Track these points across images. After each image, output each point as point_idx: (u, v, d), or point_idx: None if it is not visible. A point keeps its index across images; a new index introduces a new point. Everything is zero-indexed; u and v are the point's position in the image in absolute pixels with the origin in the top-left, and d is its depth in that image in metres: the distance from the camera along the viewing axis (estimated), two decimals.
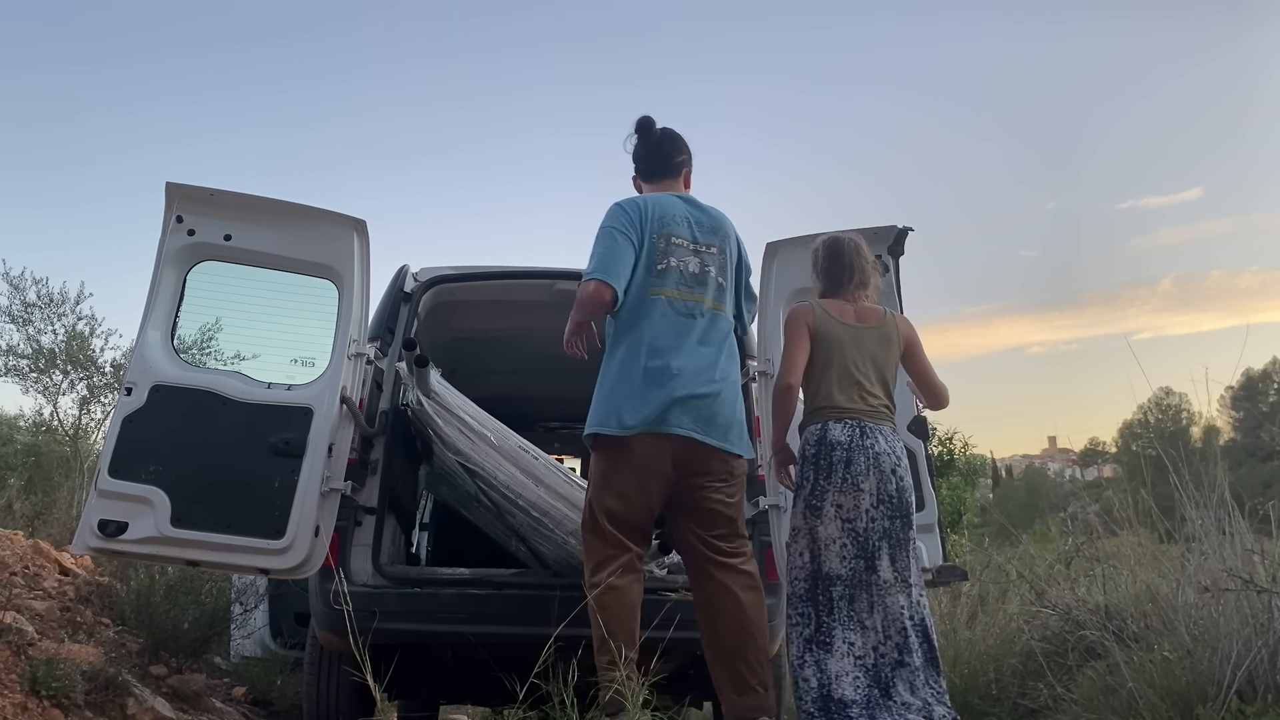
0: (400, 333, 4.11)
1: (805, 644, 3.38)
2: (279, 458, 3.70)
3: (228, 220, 3.90)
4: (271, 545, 3.57)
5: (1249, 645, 3.13)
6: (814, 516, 3.44)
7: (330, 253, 3.99)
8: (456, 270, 4.45)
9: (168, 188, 3.81)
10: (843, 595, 3.38)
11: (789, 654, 3.44)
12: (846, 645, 3.34)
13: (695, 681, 4.18)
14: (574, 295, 4.36)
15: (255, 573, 3.57)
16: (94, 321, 11.76)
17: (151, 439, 3.61)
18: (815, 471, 3.45)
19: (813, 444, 3.50)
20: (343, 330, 3.87)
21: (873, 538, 3.39)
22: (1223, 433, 22.04)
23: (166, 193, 3.82)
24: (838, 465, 3.43)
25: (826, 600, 3.39)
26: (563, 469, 3.76)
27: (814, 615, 3.39)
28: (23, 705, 3.55)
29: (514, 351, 5.35)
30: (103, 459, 3.64)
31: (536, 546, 3.76)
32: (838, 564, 3.40)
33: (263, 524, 3.58)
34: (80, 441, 11.71)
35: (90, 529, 3.53)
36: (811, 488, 3.45)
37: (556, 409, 6.28)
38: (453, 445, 3.59)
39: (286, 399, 3.82)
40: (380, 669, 3.22)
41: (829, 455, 3.44)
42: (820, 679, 3.30)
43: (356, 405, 3.79)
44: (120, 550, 3.60)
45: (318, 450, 3.71)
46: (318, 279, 4.00)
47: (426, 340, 4.29)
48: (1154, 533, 4.58)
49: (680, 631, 3.41)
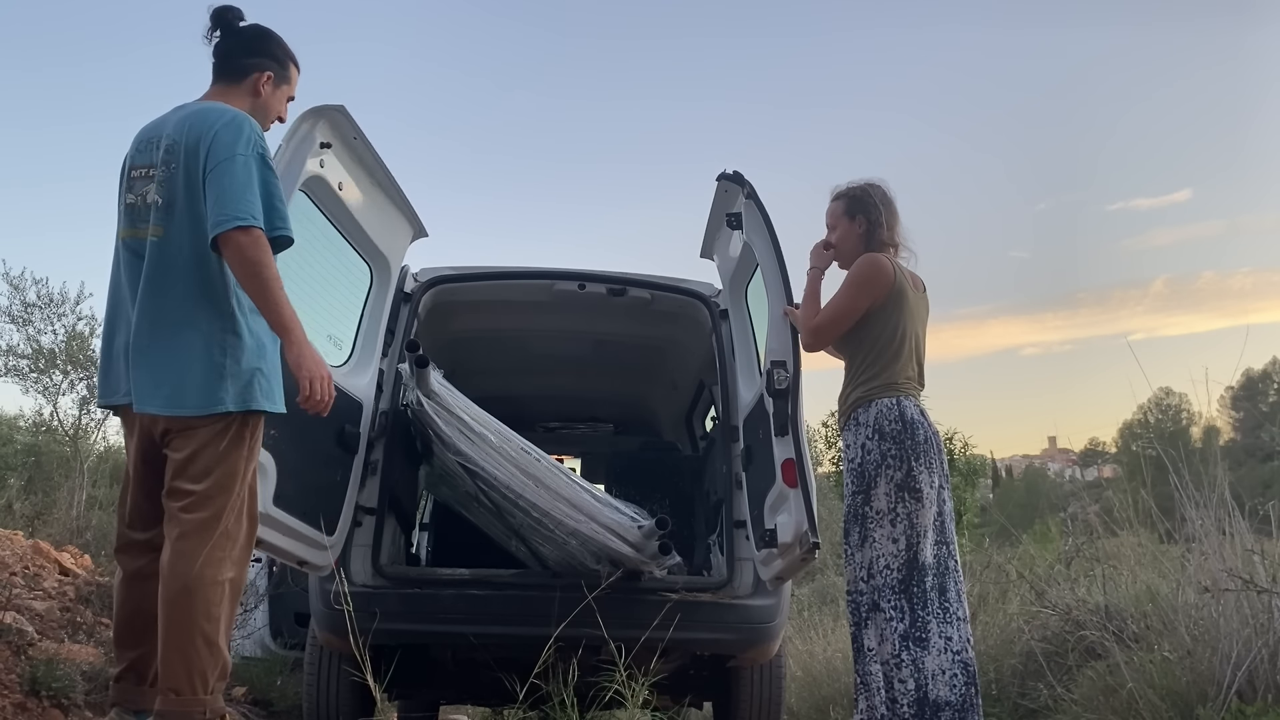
0: (401, 333, 4.06)
1: (901, 641, 3.11)
2: (339, 450, 3.61)
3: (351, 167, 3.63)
4: (321, 540, 3.42)
5: (1249, 645, 3.12)
6: (914, 501, 3.19)
7: (392, 243, 4.01)
8: (456, 270, 4.42)
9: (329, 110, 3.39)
10: (934, 586, 3.16)
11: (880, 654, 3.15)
12: (943, 640, 3.11)
13: (695, 681, 4.23)
14: (574, 295, 4.26)
15: (294, 563, 3.38)
16: (94, 322, 11.76)
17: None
18: (903, 451, 3.21)
19: (893, 420, 3.25)
20: (376, 325, 3.82)
21: (947, 519, 3.26)
22: (1223, 433, 22.07)
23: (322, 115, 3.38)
24: (923, 446, 3.23)
25: (920, 592, 3.14)
26: (564, 470, 3.71)
27: (908, 609, 3.13)
28: (22, 705, 3.54)
29: (514, 351, 5.34)
30: None
31: (537, 547, 3.74)
32: (930, 552, 3.19)
33: (323, 516, 3.43)
34: (80, 441, 11.71)
35: None
36: (907, 469, 3.20)
37: (556, 409, 6.27)
38: (453, 445, 3.54)
39: (349, 387, 3.69)
40: (380, 669, 3.21)
41: (913, 434, 3.23)
42: (918, 679, 3.06)
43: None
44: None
45: (362, 449, 3.67)
46: (365, 261, 3.94)
47: (426, 340, 4.24)
48: (1154, 533, 4.58)
49: (680, 632, 3.40)
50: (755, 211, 3.64)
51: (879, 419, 3.25)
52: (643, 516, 3.59)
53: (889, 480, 3.20)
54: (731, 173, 3.79)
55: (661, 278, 4.43)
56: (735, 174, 3.77)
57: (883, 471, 3.21)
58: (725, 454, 4.04)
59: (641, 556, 3.53)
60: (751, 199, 3.67)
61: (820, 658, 6.57)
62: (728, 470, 3.99)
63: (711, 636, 3.71)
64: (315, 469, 3.44)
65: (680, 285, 4.41)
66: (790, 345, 3.46)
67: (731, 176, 3.79)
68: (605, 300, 4.39)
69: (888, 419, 3.24)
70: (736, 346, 4.13)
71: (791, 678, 5.90)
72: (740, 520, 3.81)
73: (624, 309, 4.53)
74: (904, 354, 3.33)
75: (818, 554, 3.30)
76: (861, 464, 3.27)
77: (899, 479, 3.20)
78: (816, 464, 19.31)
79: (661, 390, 5.80)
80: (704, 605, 3.63)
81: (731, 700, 4.18)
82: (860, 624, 3.20)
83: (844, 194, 3.52)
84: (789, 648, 6.26)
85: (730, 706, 4.21)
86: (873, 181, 3.53)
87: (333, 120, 3.43)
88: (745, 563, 3.76)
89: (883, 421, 3.24)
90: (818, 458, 19.82)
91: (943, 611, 3.14)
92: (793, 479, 3.32)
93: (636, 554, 3.51)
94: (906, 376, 3.34)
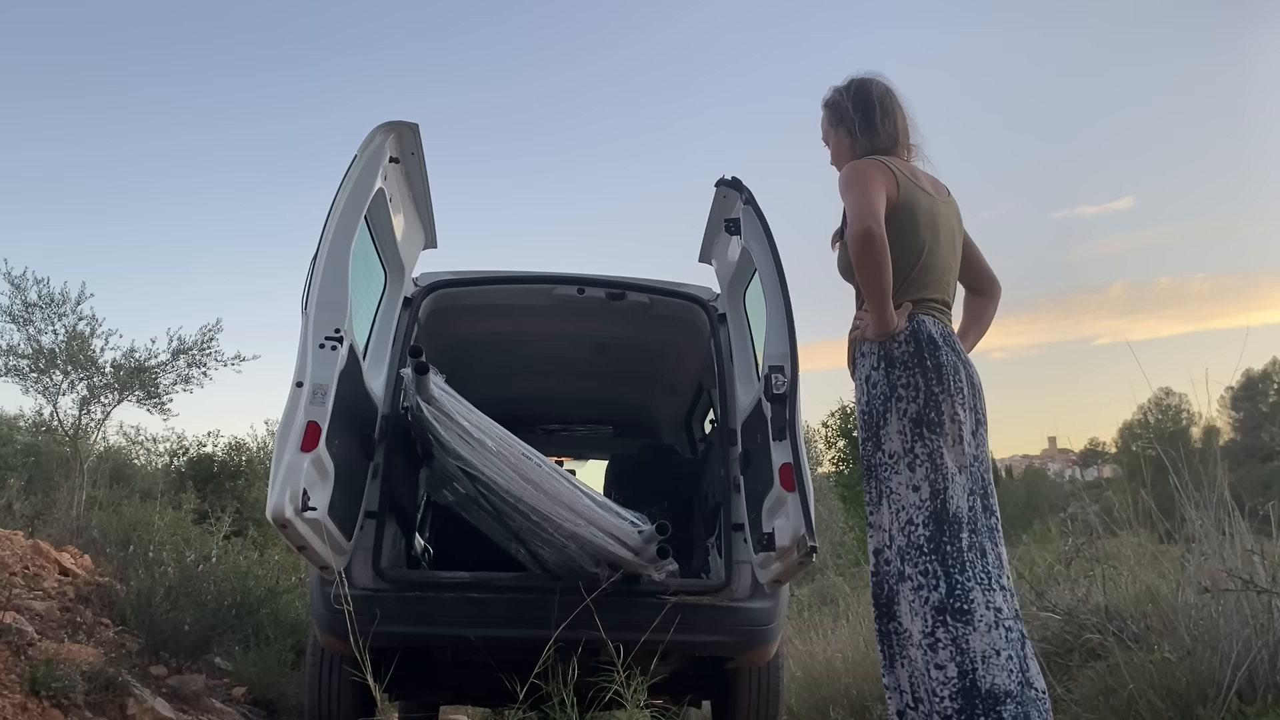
0: (402, 337, 4.06)
1: (936, 614, 2.46)
2: (362, 456, 3.64)
3: (402, 181, 3.76)
4: (346, 545, 3.44)
5: (1249, 645, 3.12)
6: (934, 435, 2.59)
7: (409, 252, 4.13)
8: (456, 275, 4.43)
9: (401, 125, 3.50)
10: (972, 545, 2.52)
11: (910, 634, 2.51)
12: (993, 612, 2.45)
13: (693, 681, 4.25)
14: (573, 300, 4.32)
15: (320, 566, 3.35)
16: (94, 322, 11.81)
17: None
18: (923, 375, 2.65)
19: (906, 341, 2.69)
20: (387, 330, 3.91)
21: (983, 468, 2.65)
22: (1223, 433, 22.08)
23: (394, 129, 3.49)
24: (947, 368, 2.66)
25: (956, 552, 2.50)
26: (563, 474, 3.71)
27: (942, 574, 2.48)
28: (23, 705, 3.54)
29: (514, 355, 5.36)
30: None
31: (536, 550, 3.74)
32: (964, 502, 2.57)
33: (350, 520, 3.45)
34: (80, 441, 11.72)
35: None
36: (924, 397, 2.63)
37: (556, 411, 6.29)
38: (452, 450, 3.54)
39: (376, 391, 3.76)
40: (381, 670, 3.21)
41: (934, 355, 2.67)
42: (961, 663, 2.41)
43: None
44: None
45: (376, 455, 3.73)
46: (384, 267, 4.03)
47: (427, 343, 4.25)
48: (1154, 533, 4.57)
49: (678, 635, 3.41)
50: (753, 217, 3.64)
51: (888, 342, 2.71)
52: (642, 521, 3.58)
53: (901, 414, 2.65)
54: (730, 179, 3.78)
55: (660, 282, 4.44)
56: (734, 180, 3.77)
57: (892, 405, 2.67)
58: (724, 457, 4.05)
59: (640, 560, 3.53)
60: (750, 204, 3.67)
61: (820, 658, 6.56)
62: (726, 474, 3.99)
63: (710, 639, 3.72)
64: (348, 475, 3.45)
65: (679, 289, 4.42)
66: (788, 350, 3.41)
67: (730, 182, 3.78)
68: (604, 304, 4.41)
69: (898, 340, 2.70)
70: (735, 350, 4.14)
71: (791, 678, 5.89)
72: (738, 523, 3.82)
73: (623, 313, 4.55)
74: (923, 273, 2.79)
75: (816, 557, 3.23)
76: (869, 402, 2.75)
77: (914, 411, 2.64)
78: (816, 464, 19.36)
79: (660, 393, 5.81)
80: (702, 608, 3.64)
81: (731, 701, 4.20)
82: (891, 600, 2.57)
83: (826, 102, 3.11)
84: (789, 648, 6.27)
85: (729, 707, 4.23)
86: (858, 77, 3.04)
87: (400, 134, 3.54)
88: (743, 565, 3.76)
89: (891, 345, 2.70)
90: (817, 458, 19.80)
91: (986, 577, 2.50)
92: (790, 483, 3.29)
93: (635, 558, 3.52)
94: (929, 294, 2.80)
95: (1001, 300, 3.19)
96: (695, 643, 3.66)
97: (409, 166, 3.73)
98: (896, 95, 3.02)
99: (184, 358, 12.26)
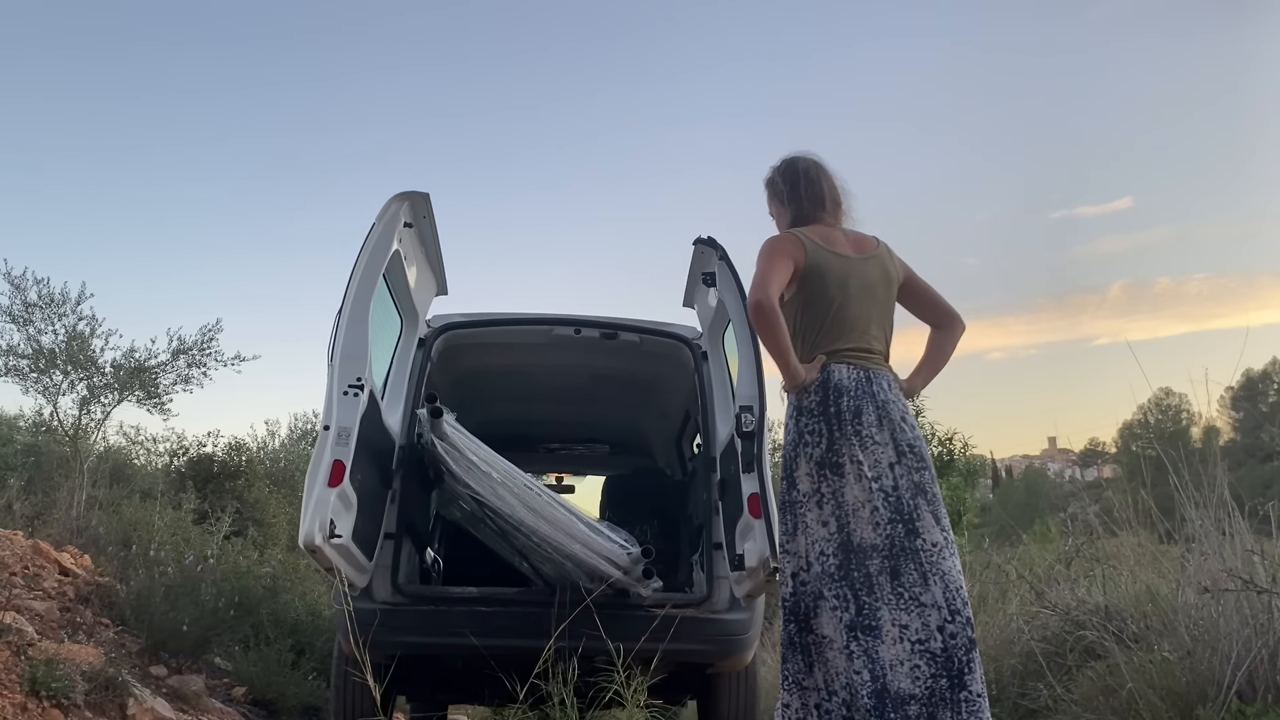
0: (417, 374, 4.46)
1: (849, 631, 2.82)
2: (381, 486, 4.05)
3: (415, 241, 4.23)
4: (368, 566, 3.85)
5: (1249, 645, 3.13)
6: (836, 476, 2.94)
7: (423, 299, 4.58)
8: (465, 317, 4.90)
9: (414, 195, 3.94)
10: (882, 569, 2.85)
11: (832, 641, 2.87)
12: (898, 629, 2.80)
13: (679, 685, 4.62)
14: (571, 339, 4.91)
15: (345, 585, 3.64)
16: (94, 322, 11.76)
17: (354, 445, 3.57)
18: (825, 423, 2.97)
19: (815, 391, 3.01)
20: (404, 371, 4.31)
21: (905, 495, 2.92)
22: (1223, 433, 22.10)
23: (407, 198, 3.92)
24: (847, 414, 2.97)
25: (864, 576, 2.85)
26: (561, 501, 4.06)
27: (851, 596, 2.84)
28: (23, 706, 3.55)
29: (518, 384, 5.82)
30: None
31: (537, 564, 4.16)
32: (871, 532, 2.89)
33: (371, 542, 3.85)
34: (80, 442, 11.71)
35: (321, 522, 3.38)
36: (825, 443, 2.96)
37: (557, 432, 6.84)
38: (461, 480, 3.97)
39: (393, 427, 4.18)
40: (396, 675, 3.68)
41: (837, 402, 2.98)
42: (874, 670, 2.76)
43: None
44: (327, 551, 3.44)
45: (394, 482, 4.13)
46: (400, 314, 4.45)
47: (439, 378, 4.76)
48: (1154, 533, 4.58)
49: (673, 644, 3.75)
50: (727, 272, 4.08)
51: (801, 393, 3.04)
52: (630, 543, 3.97)
53: (808, 459, 2.98)
54: (706, 238, 4.25)
55: (650, 322, 4.96)
56: (709, 239, 4.23)
57: (801, 450, 3.00)
58: (706, 482, 4.44)
59: (629, 579, 3.90)
60: (724, 260, 4.11)
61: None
62: (708, 497, 4.38)
63: (692, 647, 4.04)
64: (369, 503, 3.83)
65: (666, 329, 4.91)
66: (756, 392, 3.86)
67: (706, 241, 4.24)
68: (599, 342, 4.90)
69: (810, 391, 3.02)
70: (715, 386, 4.59)
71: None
72: (718, 543, 4.18)
73: (616, 350, 5.02)
74: (829, 322, 3.07)
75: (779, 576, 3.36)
76: (785, 448, 3.07)
77: (818, 455, 2.97)
78: None
79: (652, 418, 6.33)
80: (685, 619, 3.99)
81: (713, 703, 4.61)
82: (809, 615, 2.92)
83: (765, 181, 3.41)
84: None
85: (711, 709, 4.64)
86: (787, 156, 3.34)
87: (414, 202, 3.98)
88: (723, 581, 4.12)
89: (804, 396, 3.02)
90: None
91: (895, 597, 2.83)
92: (757, 511, 3.74)
93: (624, 576, 3.90)
94: (837, 346, 3.06)
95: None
96: (678, 651, 3.92)
97: (421, 229, 4.19)
98: (824, 167, 3.32)
99: (184, 358, 12.24)
